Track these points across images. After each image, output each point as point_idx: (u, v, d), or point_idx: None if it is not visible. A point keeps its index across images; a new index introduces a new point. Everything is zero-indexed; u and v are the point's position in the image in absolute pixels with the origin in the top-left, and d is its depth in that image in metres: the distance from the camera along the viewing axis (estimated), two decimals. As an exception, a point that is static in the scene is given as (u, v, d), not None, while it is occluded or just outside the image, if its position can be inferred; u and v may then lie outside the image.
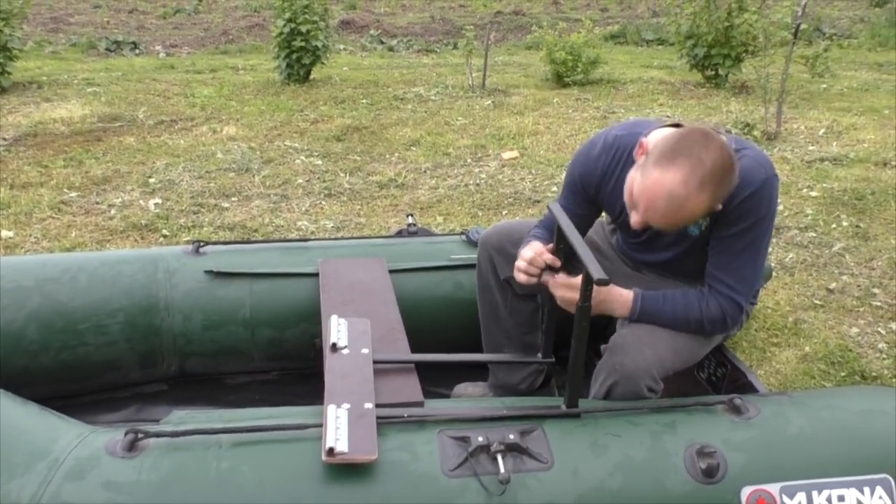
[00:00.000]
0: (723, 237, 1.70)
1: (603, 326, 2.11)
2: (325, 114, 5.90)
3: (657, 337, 1.70)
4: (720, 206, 1.61)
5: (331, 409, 1.48)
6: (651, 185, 1.54)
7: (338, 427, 1.43)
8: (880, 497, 1.49)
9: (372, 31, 10.94)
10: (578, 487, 1.42)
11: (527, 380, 2.14)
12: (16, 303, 1.97)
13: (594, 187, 1.86)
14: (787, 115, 5.72)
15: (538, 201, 4.07)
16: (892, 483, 1.50)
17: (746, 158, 1.65)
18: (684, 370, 2.11)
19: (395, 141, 5.19)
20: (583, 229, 1.88)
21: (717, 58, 6.79)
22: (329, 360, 1.70)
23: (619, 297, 1.72)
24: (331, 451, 1.37)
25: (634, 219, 1.62)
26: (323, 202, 4.02)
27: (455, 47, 9.85)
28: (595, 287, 1.51)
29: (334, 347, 1.74)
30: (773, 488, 1.47)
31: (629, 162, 1.74)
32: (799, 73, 6.72)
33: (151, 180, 4.25)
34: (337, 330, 1.80)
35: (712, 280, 1.73)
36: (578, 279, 1.56)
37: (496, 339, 2.10)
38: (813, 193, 4.16)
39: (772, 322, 2.81)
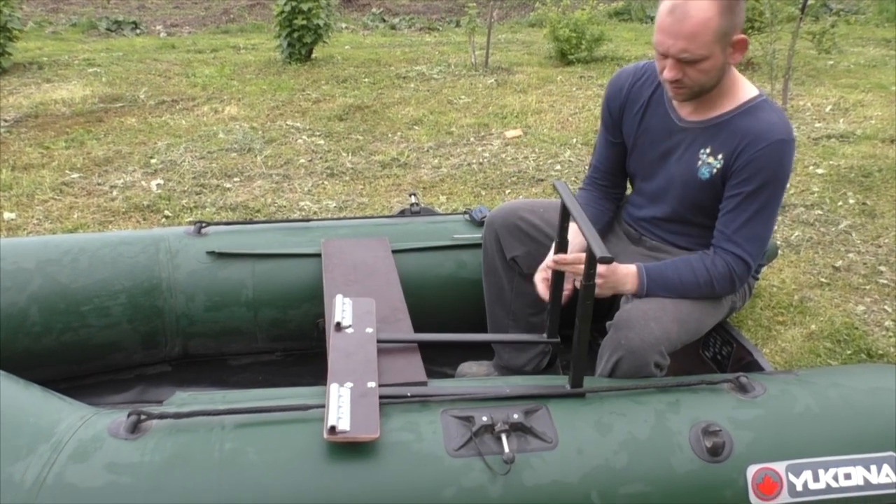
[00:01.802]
0: (735, 195, 1.69)
1: (608, 305, 2.10)
2: (327, 93, 5.86)
3: (662, 310, 1.69)
4: (738, 34, 1.60)
5: (333, 388, 1.48)
6: (658, 15, 1.61)
7: (340, 406, 1.42)
8: (887, 475, 1.49)
9: (374, 10, 10.86)
10: (583, 467, 1.41)
11: (532, 361, 2.13)
12: (17, 285, 1.97)
13: (619, 108, 1.89)
14: (793, 91, 5.66)
15: (542, 180, 4.04)
16: (899, 461, 1.50)
17: (773, 113, 1.68)
18: (690, 349, 2.10)
19: (397, 120, 5.16)
20: (621, 161, 1.95)
21: (722, 34, 6.71)
22: (333, 339, 1.69)
23: (626, 274, 1.71)
24: (332, 430, 1.36)
25: (666, 68, 1.63)
26: (325, 182, 4.00)
27: (458, 25, 9.77)
28: (600, 267, 1.50)
29: (338, 326, 1.73)
30: (779, 467, 1.46)
31: (656, 86, 1.82)
32: (805, 50, 6.66)
33: (153, 161, 4.24)
34: (341, 309, 1.79)
35: (720, 239, 1.73)
36: (583, 255, 1.55)
37: (501, 320, 2.09)
38: (819, 171, 4.12)
39: (777, 300, 2.80)
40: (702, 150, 1.74)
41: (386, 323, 1.83)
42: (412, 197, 2.53)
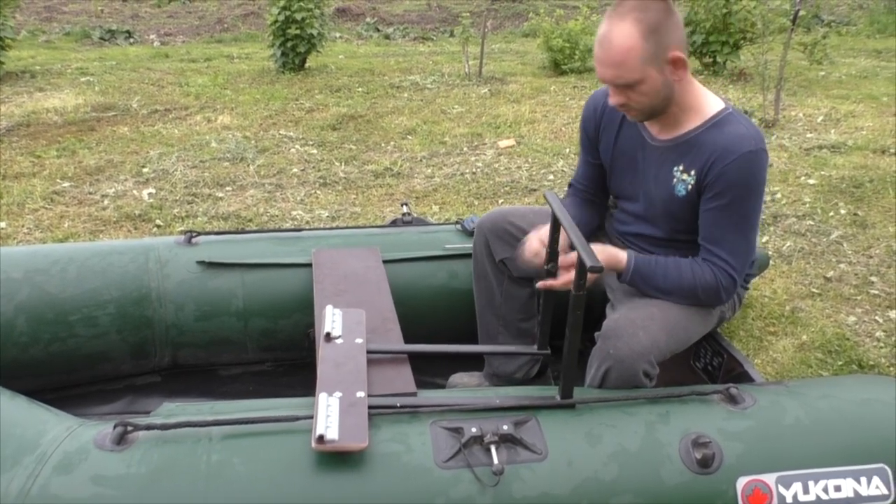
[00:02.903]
0: (711, 209, 1.70)
1: (598, 316, 2.10)
2: (321, 102, 5.87)
3: (651, 319, 1.68)
4: (673, 53, 1.61)
5: (322, 398, 1.47)
6: (601, 38, 1.63)
7: (328, 415, 1.41)
8: (877, 487, 1.48)
9: (368, 19, 10.88)
10: (573, 478, 1.41)
11: (522, 368, 2.12)
12: (4, 294, 1.95)
13: (595, 129, 1.92)
14: (785, 102, 5.69)
15: (535, 190, 4.05)
16: (889, 473, 1.49)
17: (740, 125, 1.69)
18: (680, 359, 2.10)
19: (390, 129, 5.16)
20: (603, 180, 1.98)
21: (715, 45, 6.76)
22: (322, 350, 1.68)
23: (614, 257, 1.73)
24: (320, 439, 1.35)
25: (610, 96, 1.69)
26: (318, 191, 3.99)
27: (451, 35, 9.80)
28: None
29: (328, 337, 1.72)
30: (769, 478, 1.45)
31: None
32: (797, 61, 6.69)
33: (145, 170, 4.23)
34: (332, 319, 1.78)
35: (705, 252, 1.74)
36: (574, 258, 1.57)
37: (492, 326, 2.09)
38: (811, 181, 4.14)
39: (769, 311, 2.80)
40: (675, 168, 1.75)
41: (376, 333, 1.82)
42: (404, 207, 2.53)
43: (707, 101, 1.74)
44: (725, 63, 6.90)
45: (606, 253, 1.72)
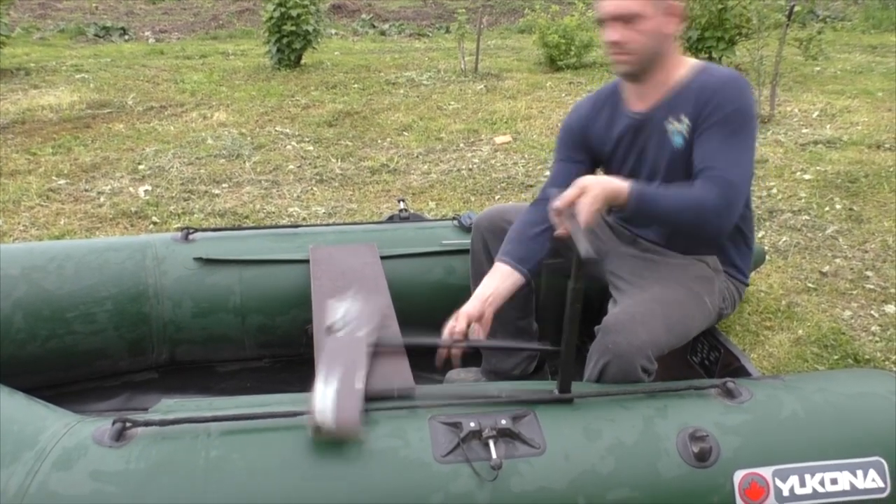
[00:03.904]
0: (703, 135, 1.70)
1: (597, 310, 2.10)
2: (317, 99, 5.86)
3: (651, 315, 1.69)
4: (677, 2, 1.67)
5: (319, 386, 1.47)
6: None
7: (325, 399, 1.42)
8: (873, 480, 1.49)
9: (363, 16, 10.87)
10: (570, 472, 1.41)
11: (520, 365, 2.13)
12: (2, 291, 1.95)
13: (581, 130, 1.93)
14: (780, 97, 5.70)
15: (531, 186, 4.05)
16: (885, 465, 1.50)
17: (721, 69, 1.76)
18: (677, 354, 2.10)
19: (386, 126, 5.16)
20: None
21: (710, 41, 6.76)
22: (323, 341, 1.69)
23: (613, 187, 1.63)
24: (316, 426, 1.36)
25: (608, 32, 1.70)
26: (314, 188, 3.99)
27: (447, 31, 9.79)
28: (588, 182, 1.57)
29: (329, 329, 1.72)
30: (766, 472, 1.46)
31: (614, 99, 1.88)
32: (793, 56, 6.70)
33: (141, 167, 4.22)
34: (335, 312, 1.78)
35: (702, 170, 1.68)
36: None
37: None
38: (806, 176, 4.15)
39: (765, 305, 2.81)
40: (665, 123, 1.77)
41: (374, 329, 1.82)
42: (401, 203, 2.53)
43: (686, 61, 1.80)
44: (721, 59, 6.90)
45: (603, 185, 1.60)
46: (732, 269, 1.92)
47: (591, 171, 1.95)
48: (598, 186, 1.59)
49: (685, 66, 1.78)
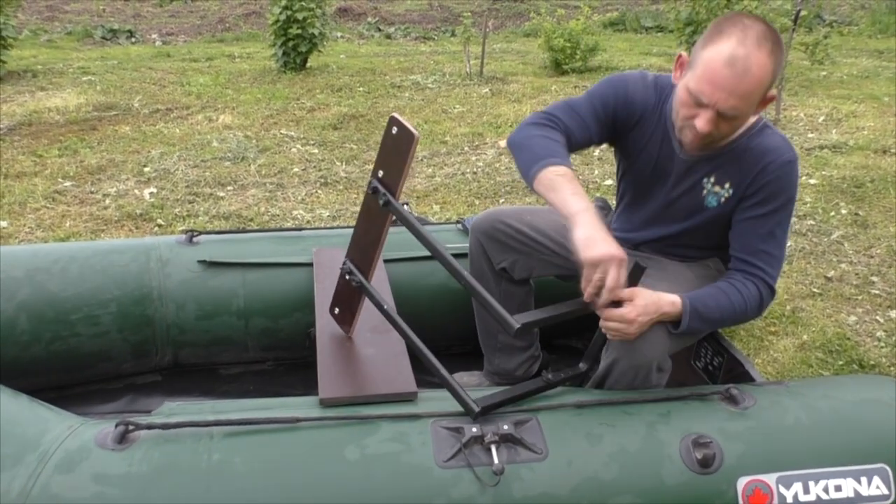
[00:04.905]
0: (749, 218, 1.68)
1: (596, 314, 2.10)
2: (322, 102, 5.87)
3: None
4: (772, 92, 1.53)
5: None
6: (709, 62, 1.48)
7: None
8: (877, 487, 1.48)
9: (369, 19, 10.89)
10: (573, 478, 1.41)
11: (523, 366, 2.12)
12: (6, 293, 1.95)
13: (630, 118, 1.76)
14: (786, 102, 5.69)
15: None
16: (890, 473, 1.49)
17: (777, 136, 1.67)
18: (681, 359, 2.10)
19: (392, 129, 5.16)
20: (579, 144, 1.76)
21: (716, 45, 6.75)
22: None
23: (667, 305, 1.60)
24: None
25: (702, 119, 1.53)
26: (319, 191, 4.00)
27: (453, 35, 9.80)
28: (642, 299, 1.53)
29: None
30: (770, 478, 1.45)
31: (665, 114, 1.73)
32: (799, 61, 6.69)
33: (146, 169, 4.23)
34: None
35: (743, 265, 1.69)
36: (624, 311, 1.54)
37: (491, 325, 2.09)
38: (812, 181, 4.14)
39: (770, 310, 2.80)
40: (705, 179, 1.72)
41: (377, 333, 1.82)
42: (405, 206, 2.53)
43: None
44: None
45: (659, 305, 1.57)
46: None
47: (597, 141, 1.80)
48: (653, 307, 1.55)
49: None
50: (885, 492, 1.48)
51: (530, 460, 1.41)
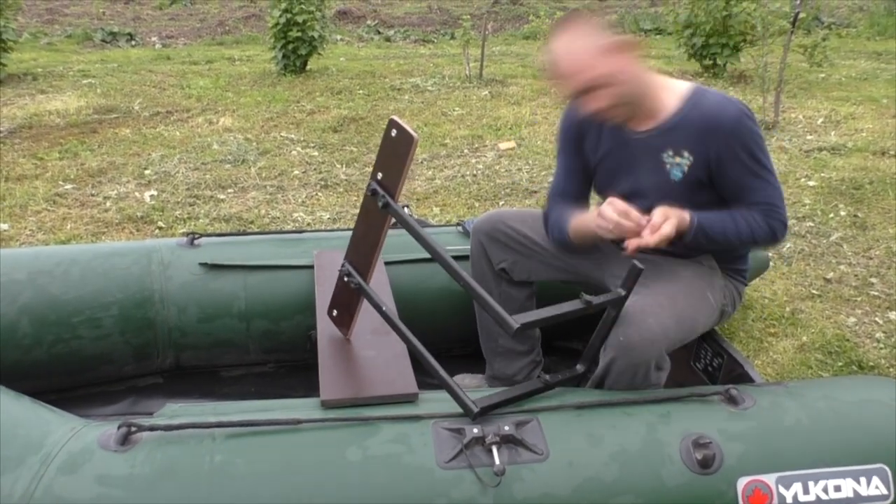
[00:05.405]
0: (734, 178, 1.73)
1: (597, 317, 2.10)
2: (322, 104, 5.88)
3: (660, 307, 1.68)
4: (614, 41, 1.68)
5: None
6: (552, 56, 1.71)
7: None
8: (877, 487, 1.49)
9: (369, 22, 10.90)
10: (574, 479, 1.41)
11: (524, 370, 2.13)
12: (8, 296, 1.96)
13: (577, 135, 1.92)
14: (785, 104, 5.70)
15: (535, 192, 4.06)
16: (889, 473, 1.50)
17: (712, 96, 1.75)
18: (681, 360, 2.11)
19: (391, 132, 5.16)
20: (586, 186, 1.96)
21: (715, 47, 6.77)
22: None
23: (681, 217, 1.71)
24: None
25: (582, 104, 1.73)
26: (319, 193, 4.01)
27: (452, 37, 9.82)
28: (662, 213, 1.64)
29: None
30: (770, 479, 1.46)
31: None
32: (797, 63, 6.70)
33: (147, 172, 4.24)
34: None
35: (758, 205, 1.76)
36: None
37: (492, 329, 2.10)
38: (811, 183, 4.15)
39: (769, 312, 2.81)
40: (664, 155, 1.78)
41: (377, 334, 1.83)
42: (405, 209, 2.54)
43: (673, 85, 1.80)
44: (725, 65, 6.91)
45: (673, 213, 1.68)
46: (729, 268, 1.93)
47: (590, 174, 1.96)
48: (675, 217, 1.67)
49: (675, 92, 1.79)
50: (885, 492, 1.49)
51: (531, 461, 1.42)
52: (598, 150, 1.89)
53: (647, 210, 1.80)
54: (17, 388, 1.58)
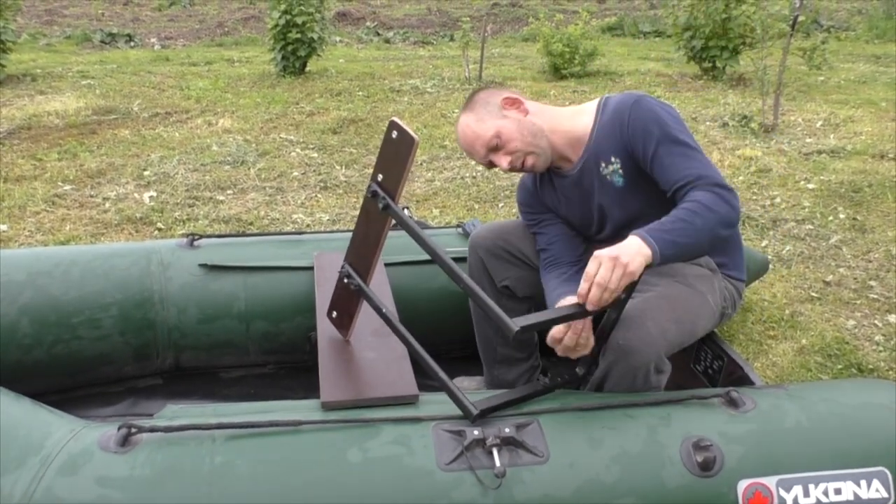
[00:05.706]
0: (656, 162, 1.70)
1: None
2: (321, 106, 5.88)
3: (658, 310, 1.68)
4: (501, 99, 1.81)
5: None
6: (458, 136, 1.87)
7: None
8: (877, 490, 1.49)
9: (368, 23, 10.91)
10: (574, 481, 1.41)
11: (522, 377, 2.11)
12: (8, 297, 1.96)
13: (537, 196, 1.99)
14: (784, 107, 5.71)
15: (535, 194, 4.05)
16: (889, 476, 1.50)
17: (613, 99, 1.80)
18: (681, 362, 2.11)
19: (391, 133, 5.17)
20: (568, 233, 1.98)
21: (714, 50, 6.78)
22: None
23: (637, 251, 1.52)
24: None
25: (497, 164, 1.82)
26: (318, 195, 4.00)
27: (451, 39, 9.82)
28: (606, 254, 1.49)
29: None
30: (770, 481, 1.46)
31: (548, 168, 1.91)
32: (796, 66, 6.72)
33: (146, 173, 4.23)
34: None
35: (682, 188, 1.65)
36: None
37: (490, 338, 2.08)
38: (810, 186, 4.15)
39: (769, 315, 2.81)
40: (601, 169, 1.81)
41: (378, 336, 1.83)
42: (405, 210, 2.53)
43: (585, 108, 1.86)
44: (725, 68, 6.92)
45: (628, 251, 1.50)
46: (727, 269, 1.93)
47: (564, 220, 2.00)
48: (632, 261, 1.49)
49: (587, 112, 1.84)
50: (885, 495, 1.49)
51: (532, 463, 1.42)
52: (560, 200, 1.94)
53: (622, 225, 1.83)
54: (17, 389, 1.58)
